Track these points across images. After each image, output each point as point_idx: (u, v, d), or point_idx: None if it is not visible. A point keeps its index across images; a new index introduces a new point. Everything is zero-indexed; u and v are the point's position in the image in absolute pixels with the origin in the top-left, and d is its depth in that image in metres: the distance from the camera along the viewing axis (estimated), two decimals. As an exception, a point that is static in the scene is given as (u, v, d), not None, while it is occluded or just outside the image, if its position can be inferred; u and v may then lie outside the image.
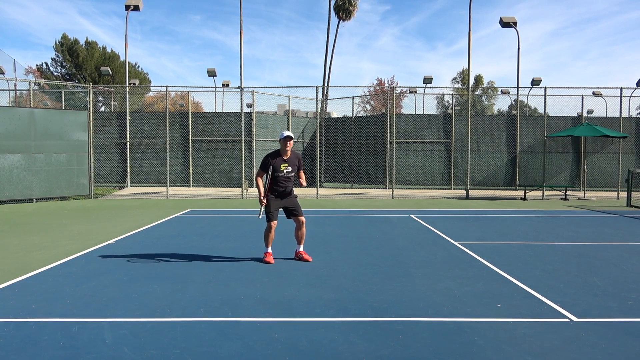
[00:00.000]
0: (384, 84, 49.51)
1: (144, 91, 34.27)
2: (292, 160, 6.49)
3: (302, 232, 6.66)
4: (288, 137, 6.38)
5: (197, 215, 11.69)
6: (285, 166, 6.42)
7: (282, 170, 6.41)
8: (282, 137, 6.39)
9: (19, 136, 13.99)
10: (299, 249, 6.72)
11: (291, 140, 6.40)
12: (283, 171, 6.42)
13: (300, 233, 6.67)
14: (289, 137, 6.38)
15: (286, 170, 6.43)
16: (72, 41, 38.99)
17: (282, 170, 6.41)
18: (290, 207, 6.59)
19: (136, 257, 6.75)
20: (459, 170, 19.24)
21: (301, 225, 6.62)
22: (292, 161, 6.48)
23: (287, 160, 6.45)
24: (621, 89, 17.95)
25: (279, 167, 6.41)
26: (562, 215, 12.19)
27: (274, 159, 6.43)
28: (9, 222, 10.49)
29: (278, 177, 6.42)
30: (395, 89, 29.56)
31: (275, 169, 6.41)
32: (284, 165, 6.42)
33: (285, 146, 6.39)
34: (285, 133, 6.41)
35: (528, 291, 5.22)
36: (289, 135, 6.39)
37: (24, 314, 4.40)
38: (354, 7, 39.71)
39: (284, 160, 6.44)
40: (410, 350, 3.66)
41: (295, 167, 6.52)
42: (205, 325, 4.17)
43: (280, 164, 6.41)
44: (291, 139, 6.40)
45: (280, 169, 6.41)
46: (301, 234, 6.67)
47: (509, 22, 21.11)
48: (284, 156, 6.45)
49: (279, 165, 6.41)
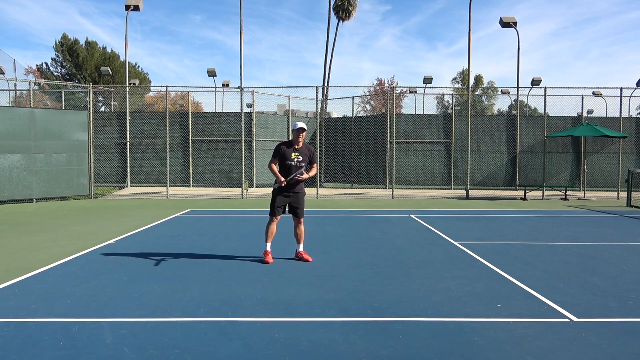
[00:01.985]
0: (384, 84, 49.51)
1: (144, 91, 34.25)
2: (304, 150, 6.53)
3: (301, 230, 6.67)
4: (301, 128, 6.40)
5: (197, 215, 11.69)
6: (296, 155, 6.46)
7: (293, 158, 6.45)
8: (295, 128, 6.43)
9: (19, 136, 13.99)
10: (298, 249, 6.72)
11: (304, 132, 6.43)
12: (294, 160, 6.45)
13: (298, 231, 6.68)
14: (302, 129, 6.40)
15: (297, 159, 6.46)
16: (72, 41, 38.99)
17: (293, 159, 6.45)
18: (294, 204, 6.61)
19: (136, 257, 6.75)
20: (459, 170, 19.24)
21: (299, 223, 6.65)
22: (303, 151, 6.52)
23: (299, 150, 6.49)
24: (621, 89, 17.96)
25: (290, 156, 6.45)
26: (562, 215, 12.19)
27: (284, 147, 6.49)
28: (9, 222, 10.48)
29: (289, 166, 6.47)
30: (395, 89, 29.56)
31: (286, 157, 6.45)
32: (295, 154, 6.46)
33: (298, 137, 6.43)
34: (299, 124, 6.42)
35: (528, 291, 5.22)
36: (302, 127, 6.41)
37: (24, 314, 4.40)
38: (354, 7, 39.75)
39: (295, 149, 6.48)
40: (410, 350, 3.66)
41: (306, 158, 6.55)
42: (205, 325, 4.16)
43: (292, 153, 6.46)
44: (304, 130, 6.43)
45: (290, 157, 6.45)
46: (300, 232, 6.68)
47: (509, 22, 21.11)
48: (296, 145, 6.49)
49: (289, 153, 6.45)
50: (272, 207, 6.54)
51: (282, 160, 6.47)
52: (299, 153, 6.48)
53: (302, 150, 6.50)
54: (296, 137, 6.44)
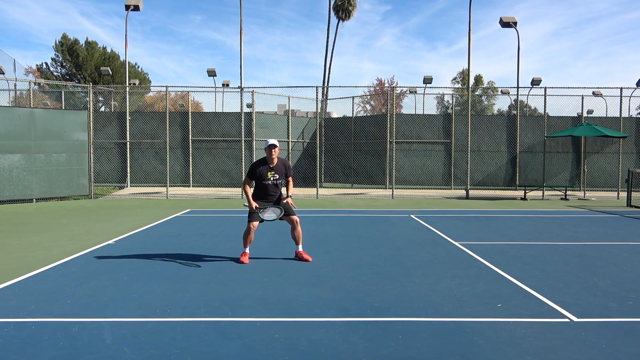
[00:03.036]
0: (384, 84, 49.51)
1: (144, 91, 34.27)
2: (279, 167, 6.51)
3: (298, 231, 6.62)
4: (272, 145, 6.37)
5: (197, 215, 11.69)
6: (272, 174, 6.45)
7: (270, 177, 6.44)
8: (266, 146, 6.40)
9: (19, 136, 13.99)
10: (298, 249, 6.70)
11: (276, 148, 6.39)
12: (270, 179, 6.45)
13: (296, 233, 6.62)
14: (273, 146, 6.37)
15: (273, 178, 6.46)
16: (72, 41, 38.99)
17: (270, 178, 6.44)
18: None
19: (136, 257, 6.75)
20: (459, 170, 19.24)
21: (295, 224, 6.58)
22: (279, 168, 6.50)
23: (274, 168, 6.46)
24: (621, 89, 17.96)
25: (266, 175, 6.44)
26: (562, 215, 12.19)
27: (260, 167, 6.45)
28: (9, 222, 10.48)
29: (266, 185, 6.46)
30: (395, 89, 29.56)
31: (262, 177, 6.44)
32: (271, 172, 6.45)
33: (271, 154, 6.40)
34: (270, 141, 6.40)
35: (528, 291, 5.22)
36: (273, 143, 6.38)
37: (24, 314, 4.40)
38: (354, 7, 39.75)
39: (270, 168, 6.45)
40: (410, 350, 3.66)
41: (282, 174, 6.54)
42: (205, 325, 4.16)
43: (267, 172, 6.43)
44: (276, 147, 6.39)
45: (267, 177, 6.44)
46: (297, 233, 6.63)
47: (509, 22, 21.11)
48: (271, 164, 6.45)
49: (265, 173, 6.44)
50: (250, 214, 6.47)
51: (259, 181, 6.46)
52: (275, 171, 6.46)
53: (277, 168, 6.48)
54: (269, 155, 6.41)
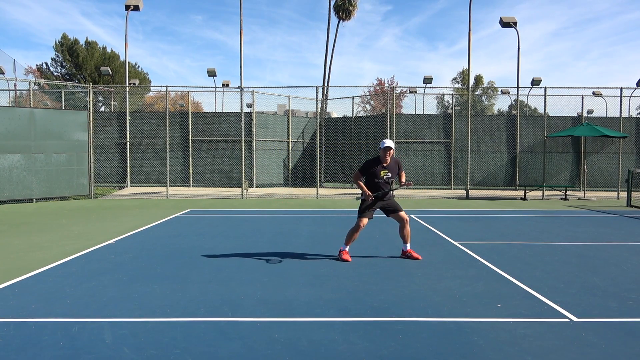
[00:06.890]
0: (384, 84, 49.50)
1: (144, 91, 34.27)
2: (392, 166, 6.67)
3: (407, 230, 6.73)
4: (388, 147, 6.50)
5: (197, 215, 11.69)
6: (385, 172, 6.61)
7: (382, 176, 6.60)
8: (382, 147, 6.54)
9: (19, 136, 13.99)
10: (406, 248, 6.80)
11: (391, 150, 6.52)
12: (383, 177, 6.60)
13: (405, 232, 6.74)
14: (388, 148, 6.50)
15: (386, 176, 6.61)
16: (72, 41, 38.98)
17: (382, 177, 6.60)
18: (388, 206, 6.70)
19: (136, 257, 6.75)
20: (459, 170, 19.24)
21: (404, 223, 6.70)
22: (392, 167, 6.66)
23: (387, 167, 6.62)
24: (621, 89, 17.96)
25: (379, 174, 6.60)
26: (562, 215, 12.18)
27: (374, 166, 6.60)
28: (9, 222, 10.48)
29: (378, 183, 6.60)
30: (395, 89, 29.56)
31: (376, 175, 6.59)
32: (384, 171, 6.61)
33: (385, 155, 6.54)
34: (386, 142, 6.52)
35: (528, 291, 5.22)
36: (389, 146, 6.50)
37: (24, 314, 4.40)
38: (354, 7, 39.73)
39: (383, 167, 6.61)
40: (410, 350, 3.66)
41: (395, 173, 6.70)
42: (205, 325, 4.16)
43: (380, 171, 6.60)
44: (391, 149, 6.52)
45: (380, 175, 6.60)
46: (406, 232, 6.74)
47: (509, 22, 21.12)
48: (384, 163, 6.60)
49: (379, 172, 6.60)
50: (361, 211, 6.63)
51: (371, 178, 6.61)
52: (388, 170, 6.61)
53: (390, 167, 6.64)
54: (384, 156, 6.56)
